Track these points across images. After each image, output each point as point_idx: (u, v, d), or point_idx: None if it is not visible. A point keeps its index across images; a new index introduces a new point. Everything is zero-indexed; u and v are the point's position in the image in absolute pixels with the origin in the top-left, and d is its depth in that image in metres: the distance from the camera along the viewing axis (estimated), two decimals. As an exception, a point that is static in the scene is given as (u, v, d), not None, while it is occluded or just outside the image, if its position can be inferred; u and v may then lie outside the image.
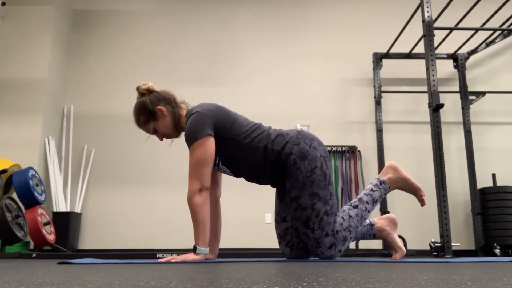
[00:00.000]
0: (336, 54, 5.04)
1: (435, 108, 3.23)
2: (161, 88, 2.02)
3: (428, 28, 3.37)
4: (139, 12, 5.18)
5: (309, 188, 1.86)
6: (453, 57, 4.83)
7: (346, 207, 1.95)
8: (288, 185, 1.90)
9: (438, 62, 4.20)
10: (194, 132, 1.83)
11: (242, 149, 1.91)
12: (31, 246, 4.05)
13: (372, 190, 1.99)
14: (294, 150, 1.89)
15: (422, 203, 2.02)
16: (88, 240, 4.50)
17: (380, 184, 2.00)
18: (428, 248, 3.41)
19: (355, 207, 1.94)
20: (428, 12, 3.41)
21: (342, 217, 1.90)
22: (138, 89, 1.99)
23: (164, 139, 2.05)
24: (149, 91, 1.98)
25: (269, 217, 4.56)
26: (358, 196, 1.99)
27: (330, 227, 1.86)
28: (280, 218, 2.01)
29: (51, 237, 3.72)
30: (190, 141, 1.84)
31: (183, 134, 2.01)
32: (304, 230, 1.87)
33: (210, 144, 1.83)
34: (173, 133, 2.01)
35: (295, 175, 1.87)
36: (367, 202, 1.95)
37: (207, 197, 1.81)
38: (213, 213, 2.06)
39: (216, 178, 2.11)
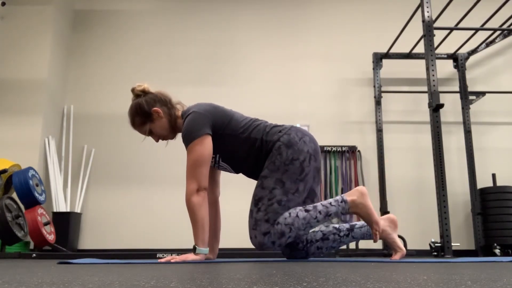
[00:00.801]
0: (336, 54, 5.04)
1: (435, 108, 3.23)
2: (156, 89, 2.01)
3: (428, 28, 3.37)
4: (139, 12, 5.18)
5: (279, 174, 1.87)
6: (453, 57, 4.83)
7: (299, 207, 1.88)
8: (265, 164, 1.91)
9: (438, 62, 4.20)
10: (192, 132, 1.83)
11: (240, 144, 1.91)
12: (31, 246, 4.05)
13: (330, 204, 1.89)
14: (282, 138, 1.90)
15: (375, 238, 1.89)
16: (88, 240, 4.50)
17: (341, 202, 1.89)
18: (428, 248, 3.41)
19: (307, 211, 1.86)
20: (428, 12, 3.40)
21: (290, 213, 1.85)
22: (133, 90, 1.99)
23: (160, 140, 2.04)
24: (145, 92, 1.98)
25: (269, 217, 4.55)
26: (314, 204, 1.91)
27: (274, 216, 1.84)
28: (279, 219, 2.01)
29: (51, 237, 3.72)
30: (187, 141, 1.84)
31: (179, 135, 2.01)
32: (252, 207, 1.89)
33: (207, 144, 1.83)
34: (169, 135, 2.01)
35: (274, 158, 1.89)
36: (319, 212, 1.86)
37: (205, 197, 1.81)
38: (212, 213, 2.06)
39: (215, 177, 2.11)
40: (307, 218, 1.85)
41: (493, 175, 4.42)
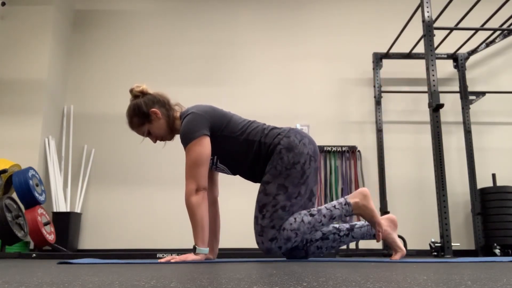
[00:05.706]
0: (336, 54, 5.04)
1: (435, 108, 3.23)
2: (155, 90, 2.02)
3: (428, 28, 3.37)
4: (139, 12, 5.18)
5: (282, 179, 1.86)
6: (453, 57, 4.82)
7: (304, 212, 1.91)
8: (267, 168, 1.91)
9: (438, 62, 4.20)
10: (190, 133, 1.83)
11: (238, 145, 1.92)
12: (31, 246, 4.05)
13: (334, 206, 1.93)
14: (282, 141, 1.90)
15: (378, 238, 1.95)
16: (88, 240, 4.50)
17: (344, 204, 1.94)
18: (428, 248, 3.41)
19: (311, 215, 1.89)
20: (428, 12, 3.40)
21: (295, 218, 1.87)
22: (131, 91, 1.99)
23: (158, 141, 2.05)
24: (143, 93, 1.98)
25: (269, 217, 4.55)
26: (319, 207, 1.94)
27: (280, 222, 1.85)
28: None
29: (51, 237, 3.72)
30: (185, 142, 1.84)
31: (177, 136, 2.01)
32: (257, 213, 1.89)
33: (206, 144, 1.83)
34: (167, 136, 2.01)
35: (275, 162, 1.88)
36: (324, 216, 1.90)
37: (204, 196, 1.81)
38: (212, 213, 2.06)
39: (213, 177, 2.11)
40: (312, 222, 1.88)
41: (493, 175, 4.42)
